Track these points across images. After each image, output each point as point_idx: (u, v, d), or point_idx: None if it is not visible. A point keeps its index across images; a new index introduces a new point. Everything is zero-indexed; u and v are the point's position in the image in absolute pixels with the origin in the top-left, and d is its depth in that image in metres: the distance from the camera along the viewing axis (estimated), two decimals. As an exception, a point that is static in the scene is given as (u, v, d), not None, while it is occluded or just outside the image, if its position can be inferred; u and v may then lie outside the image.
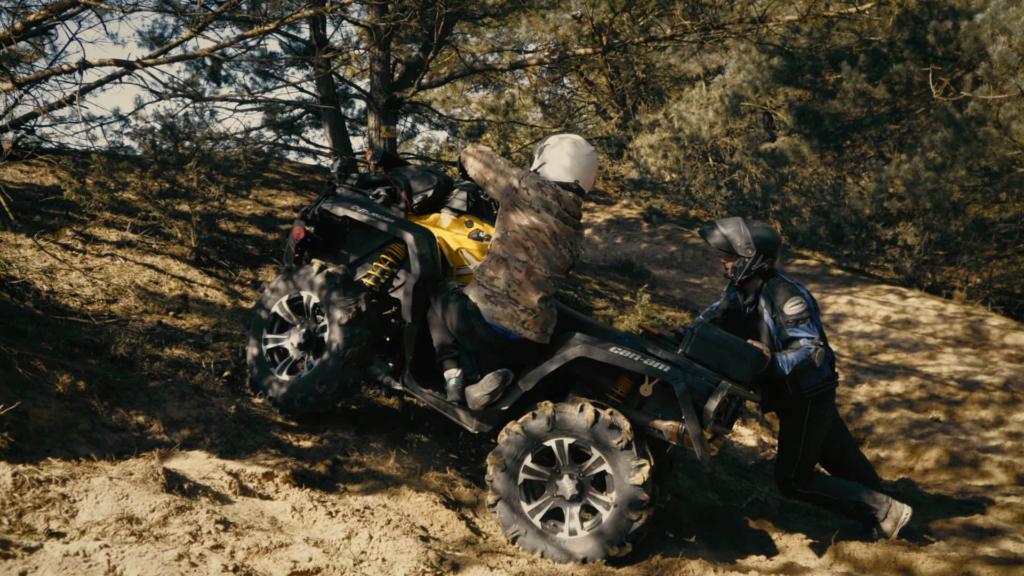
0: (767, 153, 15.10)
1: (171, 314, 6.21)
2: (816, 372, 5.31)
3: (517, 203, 4.65)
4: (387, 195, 5.36)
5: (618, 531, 4.36)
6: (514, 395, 4.70)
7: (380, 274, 5.19)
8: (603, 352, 4.53)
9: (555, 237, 4.64)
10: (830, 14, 9.21)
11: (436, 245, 5.03)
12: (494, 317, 4.58)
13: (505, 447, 4.54)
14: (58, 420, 4.26)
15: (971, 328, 10.93)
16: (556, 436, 4.46)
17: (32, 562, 3.02)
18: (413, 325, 4.94)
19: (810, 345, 5.09)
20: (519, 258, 4.60)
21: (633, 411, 4.67)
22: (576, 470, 4.50)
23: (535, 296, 4.59)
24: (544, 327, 4.66)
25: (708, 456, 4.42)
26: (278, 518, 3.96)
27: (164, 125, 7.40)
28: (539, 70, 18.48)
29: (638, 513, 4.34)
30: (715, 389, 4.40)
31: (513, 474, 4.53)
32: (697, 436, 4.36)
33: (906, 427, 8.15)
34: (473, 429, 4.85)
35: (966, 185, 11.85)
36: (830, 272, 13.86)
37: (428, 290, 4.94)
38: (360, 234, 5.43)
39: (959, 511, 6.02)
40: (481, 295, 4.63)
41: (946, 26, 11.47)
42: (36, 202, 7.43)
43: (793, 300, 5.21)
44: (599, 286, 10.76)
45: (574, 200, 4.73)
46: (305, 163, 13.52)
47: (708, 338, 4.62)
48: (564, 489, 4.51)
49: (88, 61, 5.30)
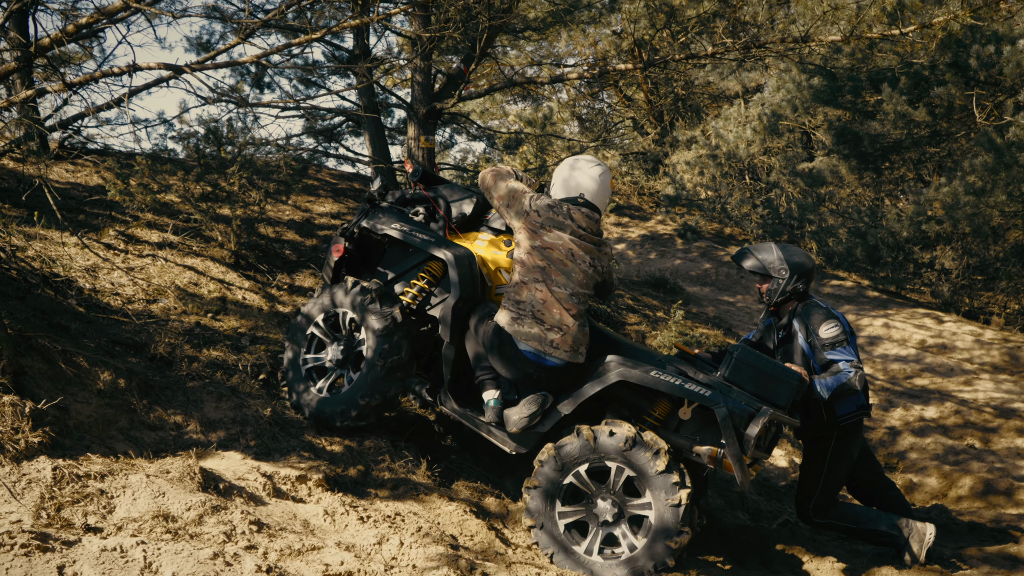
0: (804, 173, 15.02)
1: (209, 316, 6.29)
2: (852, 399, 5.24)
3: (530, 225, 4.67)
4: (426, 213, 5.37)
5: (656, 555, 4.34)
6: (553, 418, 4.68)
7: (418, 292, 5.18)
8: (643, 375, 4.50)
9: (571, 255, 4.64)
10: (873, 36, 9.16)
11: (475, 265, 5.03)
12: (524, 339, 4.57)
13: (543, 469, 4.52)
14: (98, 416, 4.33)
15: (1009, 355, 10.78)
16: (594, 459, 4.44)
17: (70, 556, 3.07)
18: (452, 344, 4.93)
19: (849, 368, 5.04)
20: (539, 279, 4.61)
21: (671, 434, 4.65)
22: (612, 492, 4.48)
23: (561, 315, 4.59)
24: (575, 346, 4.64)
25: (747, 481, 4.39)
26: (310, 521, 4.00)
27: (208, 129, 7.51)
28: (577, 84, 18.52)
29: (676, 540, 4.32)
30: (756, 414, 4.37)
31: (551, 496, 4.51)
32: (738, 461, 4.34)
33: (940, 453, 8.06)
34: (510, 451, 4.82)
35: (1006, 210, 11.71)
36: (866, 294, 13.74)
37: (467, 310, 4.93)
38: (399, 252, 5.44)
39: (992, 539, 5.94)
40: (509, 319, 4.63)
41: (988, 50, 11.37)
42: (81, 201, 7.56)
43: (829, 323, 5.16)
44: (632, 301, 10.74)
45: (587, 216, 4.72)
46: (344, 171, 13.63)
47: (748, 362, 4.58)
48: (601, 511, 4.49)
49: (138, 64, 5.40)
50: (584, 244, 4.68)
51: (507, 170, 4.95)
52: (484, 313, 4.83)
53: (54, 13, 6.23)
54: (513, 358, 4.62)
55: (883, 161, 14.42)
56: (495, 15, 8.69)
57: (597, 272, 4.76)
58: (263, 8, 10.52)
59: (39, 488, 3.48)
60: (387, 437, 5.27)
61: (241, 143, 7.61)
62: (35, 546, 3.03)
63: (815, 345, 5.16)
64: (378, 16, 5.85)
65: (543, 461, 4.52)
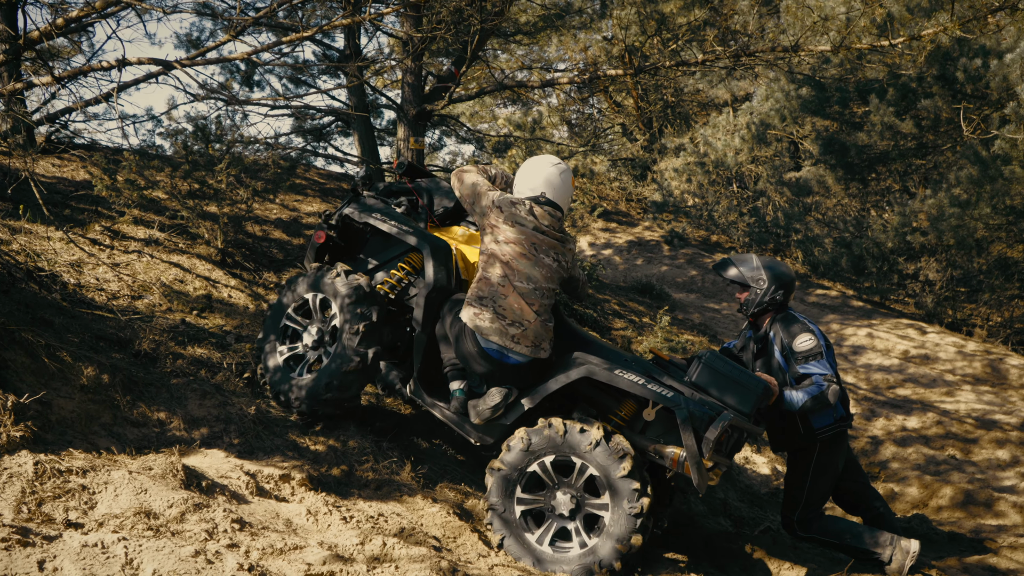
0: (791, 182, 15.09)
1: (195, 313, 6.26)
2: (829, 412, 5.22)
3: (493, 222, 4.71)
4: (408, 205, 5.44)
5: (604, 556, 4.34)
6: (516, 411, 4.71)
7: (397, 282, 5.28)
8: (607, 374, 4.51)
9: (535, 249, 4.67)
10: (863, 46, 9.21)
11: (452, 257, 5.08)
12: (485, 334, 4.59)
13: (507, 456, 4.55)
14: (81, 412, 4.30)
15: (990, 367, 10.85)
16: (554, 454, 4.46)
17: (51, 551, 3.05)
18: (423, 333, 5.00)
19: (823, 381, 5.02)
20: (501, 273, 4.64)
21: (636, 435, 4.67)
22: (573, 487, 4.50)
23: (522, 309, 4.61)
24: (536, 341, 4.65)
25: (705, 485, 4.39)
26: (293, 520, 3.99)
27: (196, 126, 7.49)
28: (568, 89, 18.55)
29: (626, 545, 4.32)
30: (717, 418, 4.38)
31: (512, 484, 4.53)
32: (696, 464, 4.34)
33: (921, 463, 8.10)
34: (475, 441, 4.88)
35: (991, 223, 11.80)
36: (850, 304, 13.81)
37: (440, 300, 4.99)
38: (381, 241, 5.50)
39: (972, 550, 5.97)
40: (471, 314, 4.65)
41: (976, 64, 11.47)
42: (67, 196, 7.52)
43: (804, 336, 5.15)
44: (618, 307, 10.76)
45: (549, 214, 4.74)
46: (332, 170, 13.62)
47: (714, 367, 4.62)
48: (559, 504, 4.51)
49: (127, 59, 5.38)
50: (547, 240, 4.72)
51: (473, 170, 4.99)
52: (454, 305, 4.88)
53: (43, 7, 6.19)
54: (477, 355, 4.66)
55: (869, 172, 14.51)
56: (487, 18, 8.70)
57: (562, 267, 4.79)
58: (254, 6, 10.51)
59: (20, 483, 3.45)
60: (371, 437, 5.26)
61: (229, 141, 7.60)
62: (15, 540, 3.01)
63: (789, 357, 5.16)
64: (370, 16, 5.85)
65: (511, 446, 4.56)
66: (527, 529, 4.50)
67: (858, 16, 9.32)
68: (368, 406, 5.89)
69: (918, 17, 10.79)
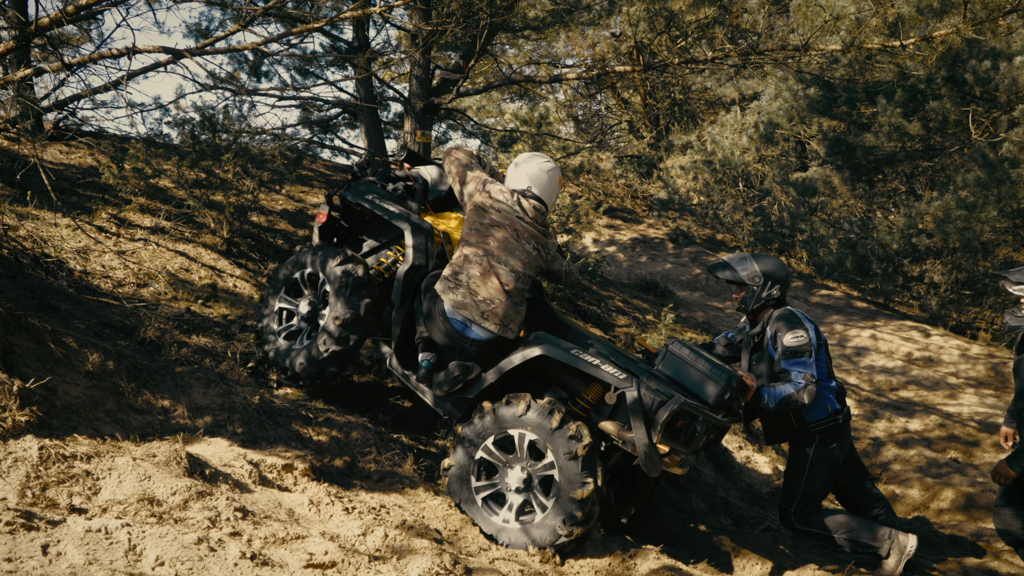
0: (798, 182, 15.07)
1: (199, 302, 6.27)
2: (823, 404, 5.23)
3: (479, 204, 4.88)
4: (404, 190, 5.58)
5: (564, 509, 4.42)
6: (478, 387, 4.82)
7: (391, 263, 5.49)
8: (562, 353, 4.60)
9: (517, 234, 4.83)
10: (873, 46, 9.18)
11: (433, 239, 5.22)
12: (455, 307, 4.72)
13: (456, 450, 4.69)
14: (86, 398, 4.31)
15: (994, 370, 10.84)
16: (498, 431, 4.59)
17: (55, 535, 3.06)
18: (401, 308, 5.12)
19: (800, 381, 5.01)
20: (480, 253, 4.78)
21: (602, 419, 4.70)
22: (520, 460, 4.60)
23: (495, 288, 4.73)
24: (505, 321, 4.76)
25: (657, 471, 4.42)
26: (295, 510, 4.00)
27: (203, 116, 7.49)
28: (575, 84, 18.53)
29: (580, 492, 4.40)
30: (667, 401, 4.40)
31: (467, 472, 4.66)
32: (644, 445, 4.38)
33: (923, 465, 8.10)
34: (443, 414, 5.02)
35: (997, 226, 11.79)
36: (854, 305, 13.79)
37: (419, 278, 5.12)
38: (379, 224, 5.71)
39: (973, 553, 5.97)
40: (444, 286, 4.79)
41: (985, 66, 11.43)
42: (74, 183, 7.53)
43: (795, 332, 5.14)
44: (622, 303, 10.76)
45: (534, 207, 4.92)
46: (338, 162, 13.62)
47: (680, 356, 4.71)
48: (512, 480, 4.60)
49: (137, 47, 5.38)
50: (530, 229, 4.88)
51: (468, 152, 5.20)
52: (430, 281, 4.98)
53: (54, -7, 6.19)
54: (440, 324, 4.79)
55: (876, 173, 14.48)
56: (496, 12, 8.69)
57: (541, 258, 4.94)
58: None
59: (25, 467, 3.46)
60: (374, 429, 5.28)
61: (236, 131, 7.59)
62: (20, 524, 3.02)
63: (778, 351, 5.17)
64: (380, 8, 5.84)
65: (456, 441, 4.71)
66: (492, 512, 4.62)
67: (869, 16, 9.30)
68: (371, 399, 5.91)
69: (928, 18, 10.77)
